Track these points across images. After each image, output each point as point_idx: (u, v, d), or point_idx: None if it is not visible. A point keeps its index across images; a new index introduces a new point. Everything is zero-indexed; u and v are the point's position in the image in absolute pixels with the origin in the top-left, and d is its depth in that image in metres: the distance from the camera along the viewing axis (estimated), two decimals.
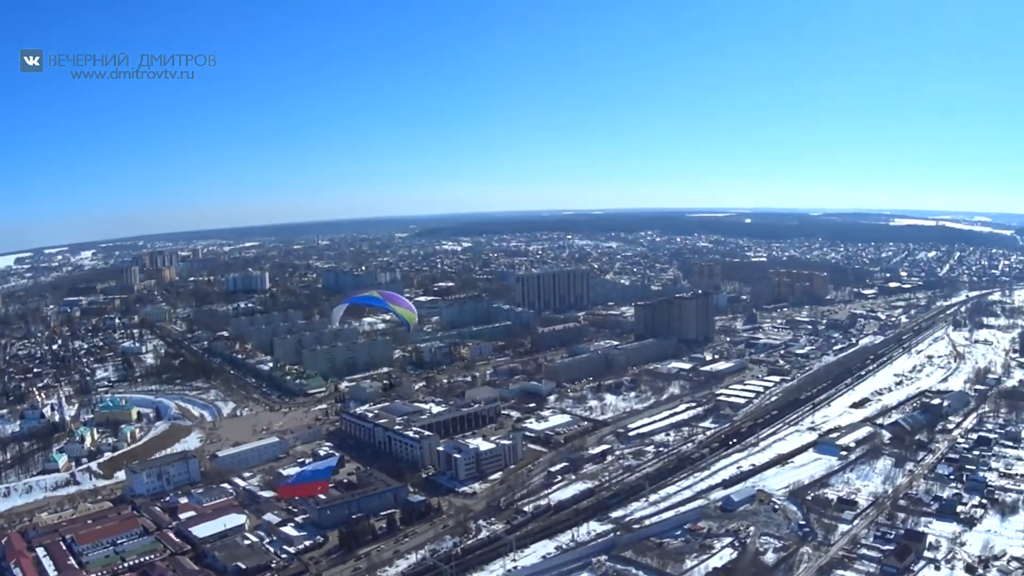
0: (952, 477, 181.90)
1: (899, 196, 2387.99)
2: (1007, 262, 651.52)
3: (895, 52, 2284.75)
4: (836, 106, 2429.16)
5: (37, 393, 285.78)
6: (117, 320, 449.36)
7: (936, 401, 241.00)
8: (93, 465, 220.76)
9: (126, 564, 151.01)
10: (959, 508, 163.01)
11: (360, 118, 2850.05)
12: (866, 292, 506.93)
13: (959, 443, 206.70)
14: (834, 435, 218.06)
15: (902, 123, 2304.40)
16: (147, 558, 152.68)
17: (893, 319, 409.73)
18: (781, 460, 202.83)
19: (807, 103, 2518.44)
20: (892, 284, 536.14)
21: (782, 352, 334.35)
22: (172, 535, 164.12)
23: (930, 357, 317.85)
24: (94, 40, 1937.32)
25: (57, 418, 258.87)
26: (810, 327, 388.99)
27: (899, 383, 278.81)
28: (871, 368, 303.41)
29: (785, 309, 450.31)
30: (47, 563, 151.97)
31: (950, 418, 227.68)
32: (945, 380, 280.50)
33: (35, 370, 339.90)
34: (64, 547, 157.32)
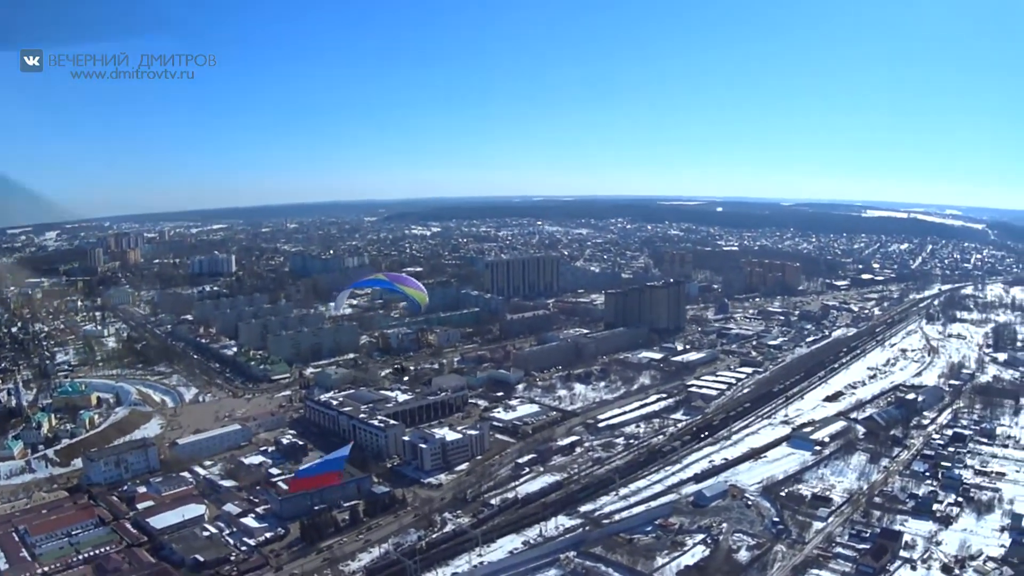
0: (927, 474, 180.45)
1: (871, 187, 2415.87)
2: (979, 256, 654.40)
3: (867, 45, 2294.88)
4: (808, 96, 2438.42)
5: None
6: (80, 302, 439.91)
7: (911, 396, 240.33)
8: (50, 452, 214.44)
9: (80, 556, 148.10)
10: (935, 506, 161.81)
11: (330, 102, 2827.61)
12: (838, 283, 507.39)
13: (934, 439, 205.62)
14: (808, 429, 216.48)
15: (874, 115, 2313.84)
16: (102, 550, 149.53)
17: (866, 311, 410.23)
18: (754, 454, 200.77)
19: (779, 93, 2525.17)
20: (865, 276, 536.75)
21: (754, 343, 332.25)
22: (129, 526, 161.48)
23: (904, 351, 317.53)
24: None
25: (14, 403, 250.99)
26: (782, 318, 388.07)
27: (873, 377, 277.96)
28: (844, 361, 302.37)
29: (757, 299, 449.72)
30: None
31: (925, 413, 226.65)
32: (919, 374, 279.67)
33: None
34: (16, 538, 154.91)
